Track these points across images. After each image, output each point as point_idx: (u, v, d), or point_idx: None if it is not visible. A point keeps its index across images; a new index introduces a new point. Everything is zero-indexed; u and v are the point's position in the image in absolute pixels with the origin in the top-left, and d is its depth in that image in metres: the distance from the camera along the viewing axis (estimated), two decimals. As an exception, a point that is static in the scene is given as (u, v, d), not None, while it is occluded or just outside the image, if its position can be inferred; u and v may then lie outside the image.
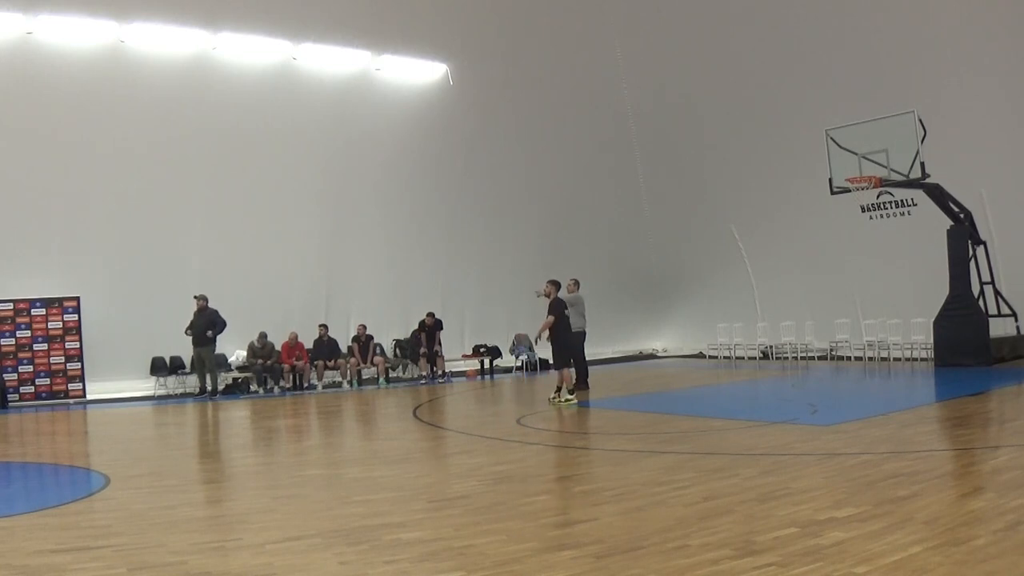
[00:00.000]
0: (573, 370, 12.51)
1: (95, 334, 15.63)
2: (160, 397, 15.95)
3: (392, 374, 18.22)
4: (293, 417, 12.81)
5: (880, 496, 5.41)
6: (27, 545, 5.04)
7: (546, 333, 12.31)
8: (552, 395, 12.25)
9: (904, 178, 14.83)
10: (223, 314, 15.62)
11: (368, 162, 18.32)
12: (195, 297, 15.51)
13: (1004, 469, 6.17)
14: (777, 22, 17.45)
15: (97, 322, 15.66)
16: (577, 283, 13.95)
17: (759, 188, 19.41)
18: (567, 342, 12.34)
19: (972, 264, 15.19)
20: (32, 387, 15.27)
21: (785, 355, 19.39)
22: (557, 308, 12.30)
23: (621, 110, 20.79)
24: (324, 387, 17.06)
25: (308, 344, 17.24)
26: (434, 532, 5.17)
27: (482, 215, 19.89)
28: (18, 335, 15.25)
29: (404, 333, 19.13)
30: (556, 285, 12.63)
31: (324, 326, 17.35)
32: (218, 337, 15.65)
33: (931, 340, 15.72)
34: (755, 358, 19.71)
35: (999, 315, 15.59)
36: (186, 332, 15.46)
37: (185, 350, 16.09)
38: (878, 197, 16.90)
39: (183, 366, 16.47)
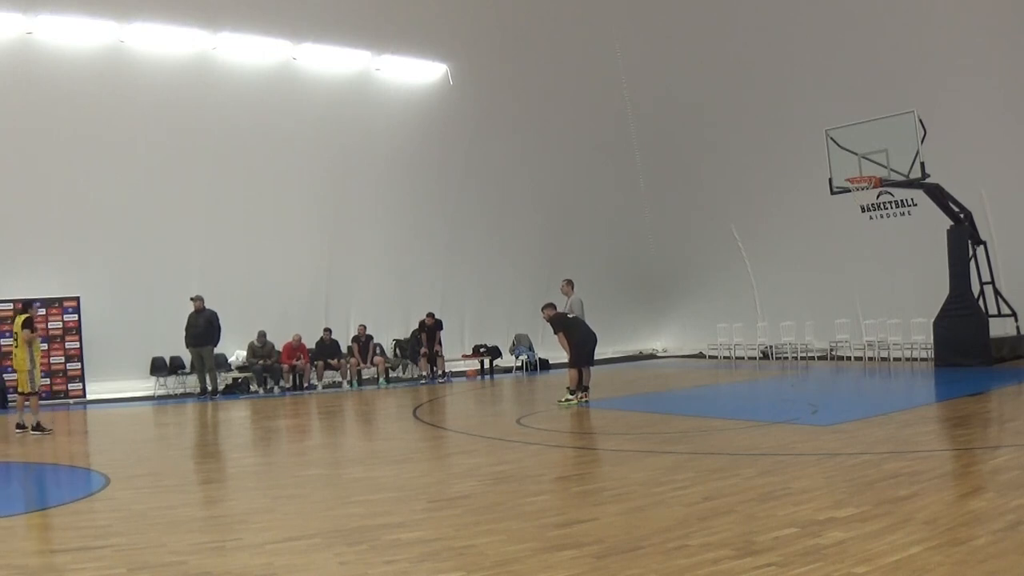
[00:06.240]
0: (574, 371, 12.48)
1: (95, 334, 15.62)
2: (160, 397, 15.95)
3: (392, 374, 18.21)
4: (293, 417, 12.81)
5: (880, 496, 5.41)
6: (27, 545, 5.04)
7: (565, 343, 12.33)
8: (580, 395, 12.13)
9: (904, 178, 14.82)
10: (222, 315, 15.61)
11: (368, 162, 18.31)
12: (192, 299, 15.50)
13: (1004, 469, 6.17)
14: (777, 22, 17.44)
15: (97, 322, 15.65)
16: (570, 283, 13.06)
17: (759, 188, 19.41)
18: (580, 342, 12.32)
19: (972, 264, 15.19)
20: (32, 387, 15.23)
21: (785, 355, 19.38)
22: (557, 325, 12.34)
23: (621, 110, 20.78)
24: (324, 387, 17.06)
25: (309, 345, 17.24)
26: (434, 532, 5.17)
27: (482, 215, 19.88)
28: (18, 335, 15.21)
29: (404, 333, 19.13)
30: (551, 306, 12.62)
31: (328, 330, 17.38)
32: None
33: (931, 340, 15.72)
34: (755, 358, 19.71)
35: (999, 315, 15.59)
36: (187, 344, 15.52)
37: (185, 350, 16.07)
38: (878, 197, 16.87)
39: (183, 366, 16.45)
